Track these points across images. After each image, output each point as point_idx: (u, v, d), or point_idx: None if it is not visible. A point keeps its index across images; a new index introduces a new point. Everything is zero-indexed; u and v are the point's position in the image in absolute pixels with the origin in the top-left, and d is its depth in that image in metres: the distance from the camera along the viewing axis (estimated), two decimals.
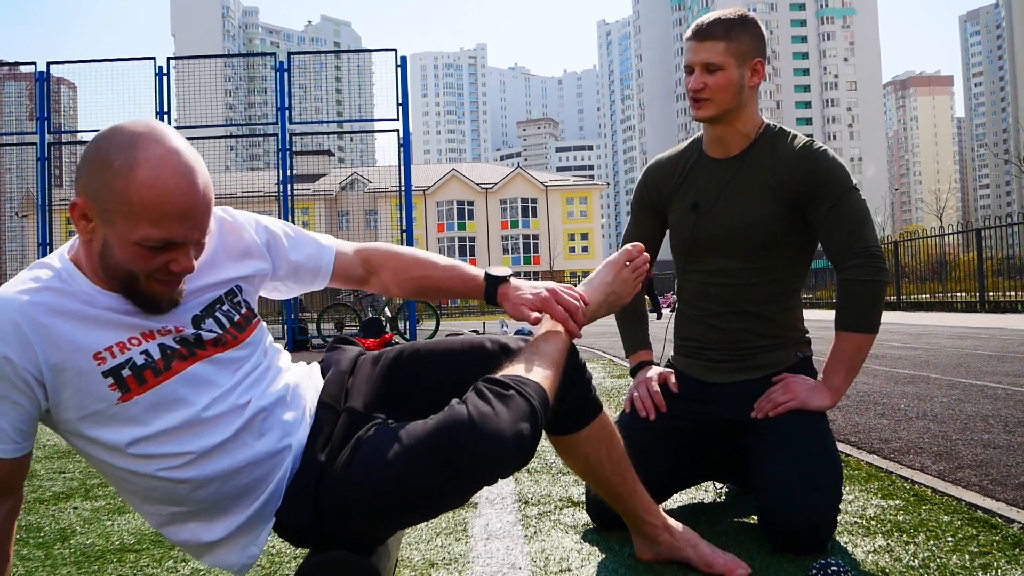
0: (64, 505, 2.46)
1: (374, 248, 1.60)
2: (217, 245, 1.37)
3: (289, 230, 1.51)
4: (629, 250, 1.68)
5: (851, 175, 1.95)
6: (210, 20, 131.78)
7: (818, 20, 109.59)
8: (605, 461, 1.57)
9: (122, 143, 1.15)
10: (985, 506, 2.00)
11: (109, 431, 1.21)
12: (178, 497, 1.26)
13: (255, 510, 1.29)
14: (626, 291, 1.65)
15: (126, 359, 1.20)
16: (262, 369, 1.36)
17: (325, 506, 1.24)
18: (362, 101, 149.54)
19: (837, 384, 1.91)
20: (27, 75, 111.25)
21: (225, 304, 1.35)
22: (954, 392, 4.18)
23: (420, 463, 1.19)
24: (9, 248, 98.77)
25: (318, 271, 1.54)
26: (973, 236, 16.39)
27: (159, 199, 1.14)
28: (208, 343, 1.29)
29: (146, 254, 1.17)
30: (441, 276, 1.56)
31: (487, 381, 1.29)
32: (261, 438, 1.29)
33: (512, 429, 1.20)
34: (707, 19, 1.97)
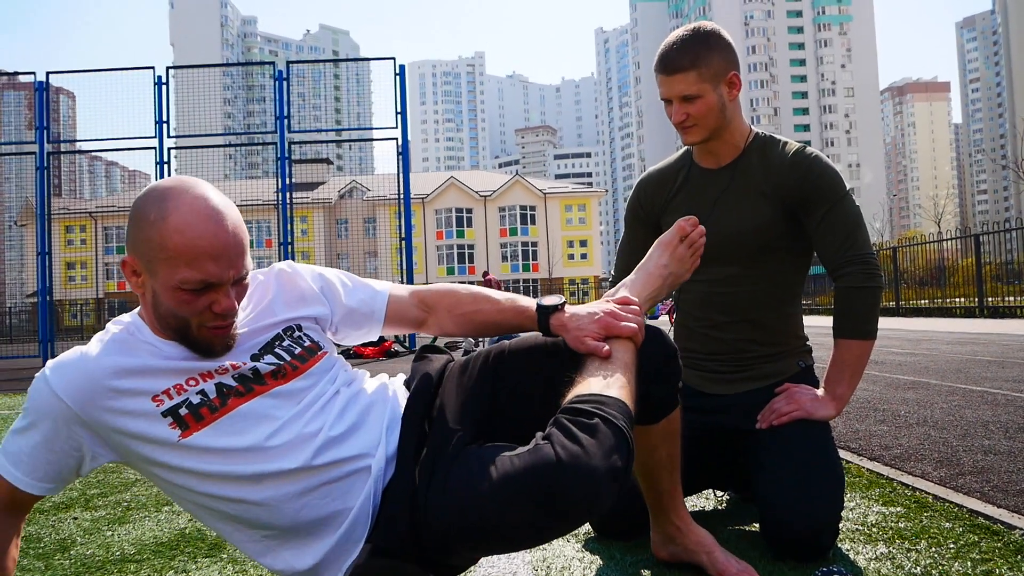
0: (64, 515, 2.45)
1: (429, 289, 1.58)
2: (275, 294, 1.44)
3: (346, 278, 1.54)
4: (682, 225, 1.62)
5: (845, 180, 1.96)
6: (209, 29, 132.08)
7: (815, 27, 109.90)
8: (664, 457, 1.57)
9: (156, 197, 1.25)
10: (987, 513, 2.00)
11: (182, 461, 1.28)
12: (263, 519, 1.29)
13: (343, 533, 1.28)
14: (683, 269, 1.62)
15: (183, 399, 1.27)
16: (329, 396, 1.36)
17: (423, 533, 1.22)
18: (361, 109, 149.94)
19: (841, 393, 1.91)
20: (26, 84, 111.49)
21: (286, 340, 1.39)
22: (954, 398, 4.19)
23: (516, 508, 1.15)
24: (8, 257, 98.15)
25: (371, 315, 1.53)
26: (971, 242, 16.41)
27: (191, 242, 1.22)
28: (267, 376, 1.32)
29: (188, 298, 1.24)
30: (492, 310, 1.53)
31: (568, 412, 1.23)
32: (334, 462, 1.29)
33: (605, 465, 1.14)
34: (670, 48, 1.92)
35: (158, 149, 12.67)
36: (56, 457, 1.26)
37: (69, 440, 1.26)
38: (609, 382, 1.29)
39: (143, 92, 12.52)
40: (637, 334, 1.39)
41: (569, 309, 1.44)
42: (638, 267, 1.62)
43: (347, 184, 47.98)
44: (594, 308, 1.43)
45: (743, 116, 2.04)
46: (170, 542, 2.10)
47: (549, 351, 1.41)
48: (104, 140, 13.95)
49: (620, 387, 1.28)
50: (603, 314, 1.40)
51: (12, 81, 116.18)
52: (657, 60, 1.96)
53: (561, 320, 1.43)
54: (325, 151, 65.71)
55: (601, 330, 1.38)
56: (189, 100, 16.38)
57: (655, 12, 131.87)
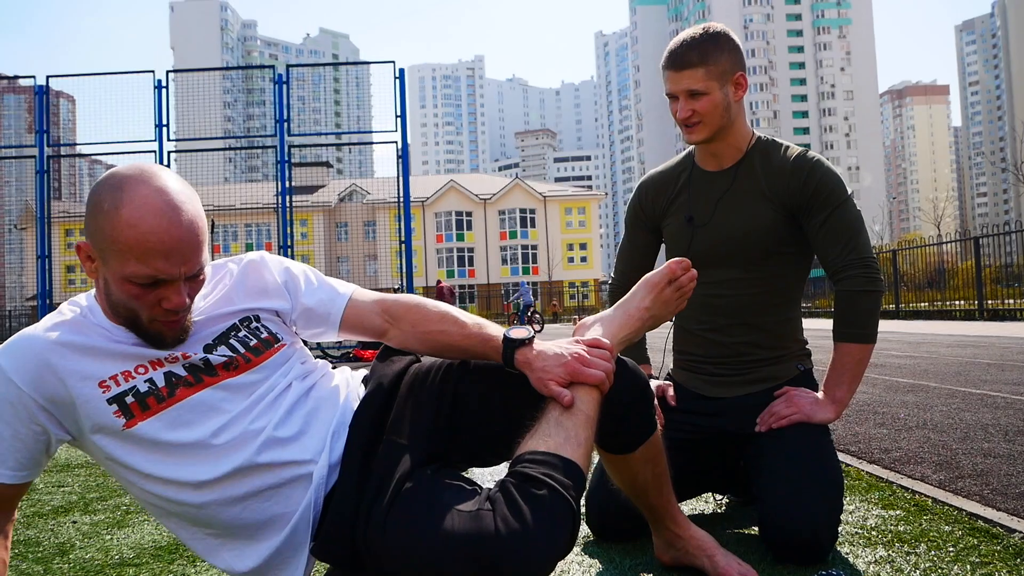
0: (63, 519, 2.45)
1: (396, 299, 1.52)
2: (236, 283, 1.41)
3: (312, 275, 1.50)
4: (672, 268, 1.54)
5: (846, 184, 1.96)
6: (209, 33, 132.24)
7: (814, 30, 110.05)
8: (650, 477, 1.54)
9: (112, 186, 1.21)
10: (986, 516, 2.00)
11: (127, 455, 1.26)
12: (203, 519, 1.28)
13: (284, 539, 1.28)
14: (666, 312, 1.54)
15: (129, 387, 1.25)
16: (279, 391, 1.34)
17: (362, 552, 1.20)
18: (360, 113, 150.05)
19: (840, 396, 1.91)
20: (26, 88, 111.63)
21: (242, 331, 1.37)
22: (954, 401, 4.18)
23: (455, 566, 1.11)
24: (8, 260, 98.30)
25: (327, 317, 1.47)
26: (971, 244, 16.41)
27: (142, 237, 1.18)
28: (219, 367, 1.31)
29: (137, 291, 1.22)
30: (458, 334, 1.43)
31: (517, 476, 1.19)
32: (276, 464, 1.27)
33: (546, 543, 1.12)
34: (680, 45, 1.93)
35: (158, 152, 12.68)
36: (23, 443, 1.23)
37: (31, 423, 1.23)
38: (567, 437, 1.24)
39: (143, 95, 12.52)
40: (604, 383, 1.32)
41: (537, 345, 1.36)
42: (619, 304, 1.56)
43: (347, 187, 48.01)
44: (562, 349, 1.35)
45: (746, 119, 2.05)
46: (169, 546, 2.10)
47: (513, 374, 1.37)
48: (104, 144, 13.94)
49: (577, 446, 1.24)
50: (571, 357, 1.32)
51: (12, 84, 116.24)
52: (666, 56, 1.96)
53: (527, 356, 1.35)
54: (325, 154, 65.81)
55: (566, 375, 1.31)
56: (189, 103, 16.41)
57: (655, 16, 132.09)
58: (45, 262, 12.58)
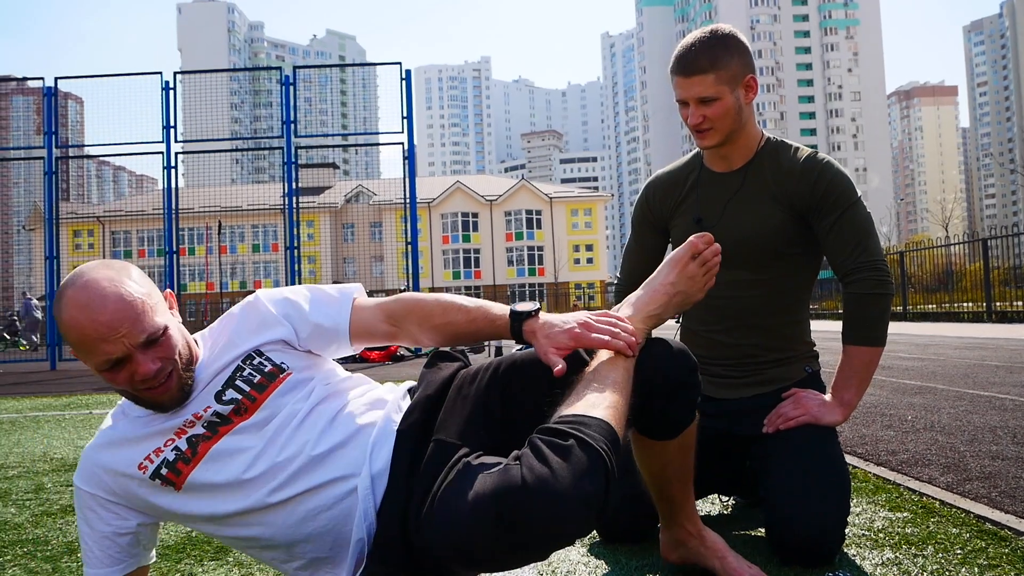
0: (71, 518, 2.46)
1: (395, 299, 1.52)
2: (238, 325, 1.46)
3: (311, 294, 1.50)
4: (695, 242, 1.52)
5: (856, 186, 1.95)
6: (216, 35, 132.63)
7: (821, 31, 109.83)
8: (678, 468, 1.55)
9: (58, 296, 1.32)
10: (994, 518, 1.99)
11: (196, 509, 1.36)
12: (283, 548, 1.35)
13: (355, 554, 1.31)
14: (694, 289, 1.52)
15: (161, 460, 1.36)
16: (300, 417, 1.36)
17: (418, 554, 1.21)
18: (367, 114, 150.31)
19: (848, 399, 1.91)
20: (35, 90, 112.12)
21: (246, 369, 1.40)
22: (962, 403, 4.17)
23: (482, 531, 1.09)
24: (17, 261, 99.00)
25: (336, 330, 1.48)
26: (979, 246, 16.35)
27: (77, 335, 1.28)
28: (230, 414, 1.37)
29: (110, 376, 1.31)
30: (463, 320, 1.45)
31: (543, 432, 1.17)
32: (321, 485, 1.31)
33: (574, 490, 1.07)
34: (688, 50, 1.90)
35: (165, 154, 12.74)
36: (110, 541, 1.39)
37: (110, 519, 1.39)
38: (595, 402, 1.23)
39: (151, 97, 12.62)
40: (613, 345, 1.32)
41: (543, 316, 1.39)
42: (646, 282, 1.54)
43: (353, 189, 48.11)
44: (568, 317, 1.38)
45: (756, 121, 2.04)
46: (176, 545, 2.11)
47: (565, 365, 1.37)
48: (112, 145, 14.02)
49: (607, 407, 1.22)
50: (576, 324, 1.35)
51: (21, 86, 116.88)
52: (674, 62, 1.93)
53: (533, 327, 1.37)
54: (331, 156, 66.05)
55: (570, 340, 1.33)
56: (196, 105, 16.47)
57: (661, 16, 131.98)
58: (53, 263, 12.64)
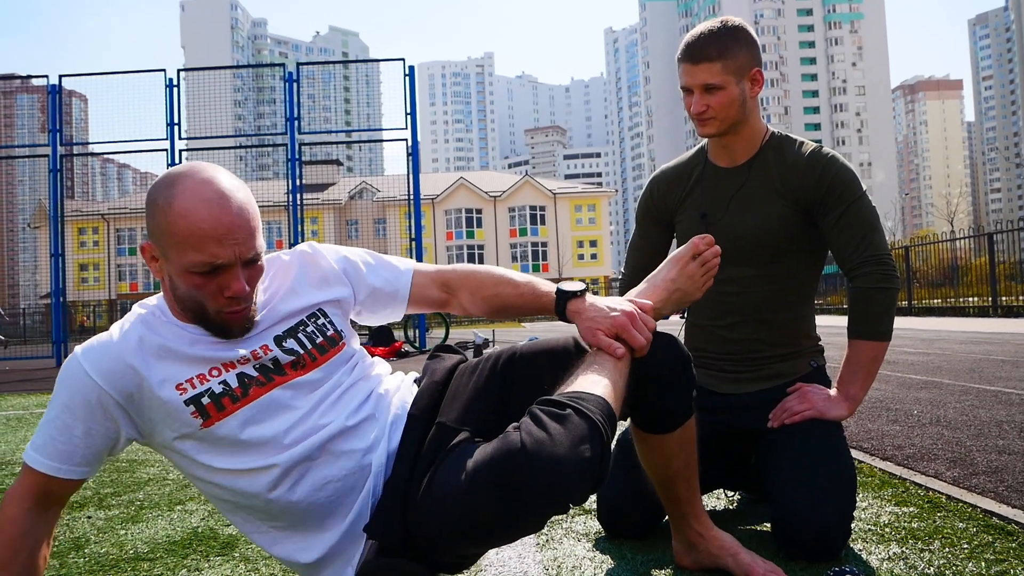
0: (78, 514, 2.47)
1: (452, 269, 1.58)
2: (298, 274, 1.45)
3: (369, 257, 1.54)
4: (696, 243, 1.55)
5: (861, 180, 1.95)
6: (219, 32, 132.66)
7: (825, 25, 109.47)
8: (681, 465, 1.54)
9: (164, 184, 1.27)
10: (1001, 513, 1.99)
11: (200, 452, 1.31)
12: (272, 512, 1.33)
13: (346, 528, 1.31)
14: (693, 288, 1.55)
15: (205, 389, 1.29)
16: (345, 387, 1.38)
17: (415, 532, 1.22)
18: (370, 110, 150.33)
19: (854, 394, 1.90)
20: (39, 88, 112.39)
21: (309, 326, 1.40)
22: (967, 398, 4.16)
23: (482, 497, 1.13)
24: (22, 259, 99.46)
25: (395, 295, 1.53)
26: (985, 240, 16.30)
27: (194, 225, 1.23)
28: (287, 366, 1.35)
29: (199, 281, 1.26)
30: (512, 293, 1.50)
31: (542, 403, 1.20)
32: (343, 456, 1.32)
33: (571, 453, 1.10)
34: (697, 38, 1.91)
35: (169, 151, 12.75)
36: (92, 441, 1.28)
37: (106, 422, 1.28)
38: (594, 381, 1.26)
39: (154, 94, 12.63)
40: (644, 349, 1.36)
41: (589, 298, 1.41)
42: (648, 278, 1.57)
43: (357, 185, 48.07)
44: (615, 304, 1.39)
45: (761, 115, 2.03)
46: (183, 540, 2.11)
47: (560, 357, 1.39)
48: (116, 142, 14.04)
49: (605, 387, 1.25)
50: (622, 313, 1.36)
51: (25, 84, 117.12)
52: (682, 49, 1.94)
53: (578, 307, 1.40)
54: (335, 152, 66.08)
55: (613, 327, 1.35)
56: (200, 102, 16.47)
57: (664, 11, 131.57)
58: (58, 260, 12.68)
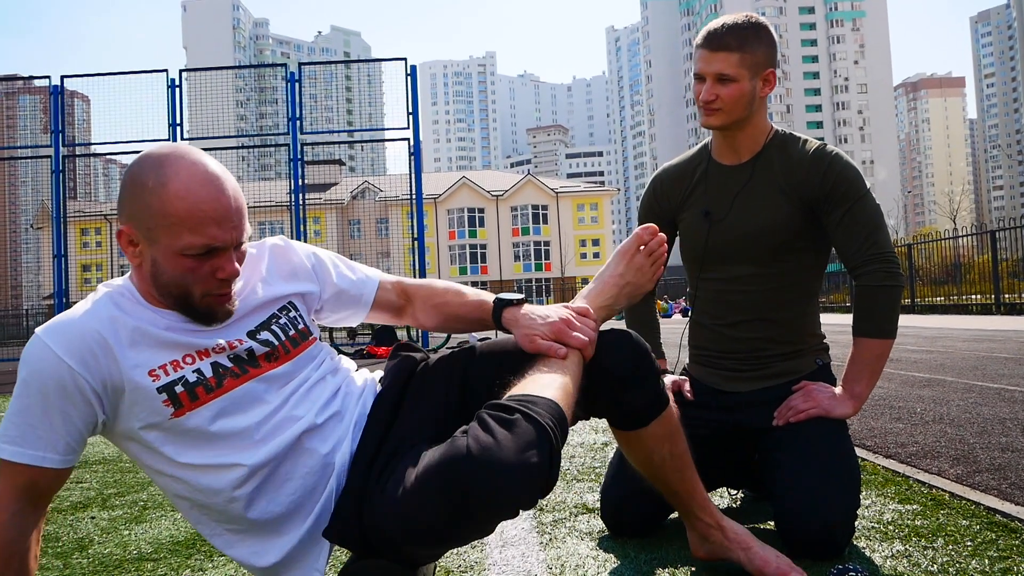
0: (82, 515, 2.48)
1: (412, 280, 1.62)
2: (269, 265, 1.44)
3: (337, 260, 1.56)
4: (639, 234, 1.58)
5: (864, 178, 1.94)
6: (221, 32, 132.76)
7: (827, 23, 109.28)
8: (667, 458, 1.53)
9: (152, 164, 1.24)
10: (1004, 510, 1.99)
11: (164, 444, 1.27)
12: (230, 514, 1.30)
13: (307, 530, 1.30)
14: (643, 279, 1.57)
15: (178, 376, 1.26)
16: (311, 383, 1.38)
17: (371, 536, 1.22)
18: (372, 110, 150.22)
19: (859, 392, 1.90)
20: (41, 89, 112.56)
21: (282, 318, 1.40)
22: (971, 395, 4.15)
23: (429, 501, 1.12)
24: (25, 260, 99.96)
25: (360, 298, 1.55)
26: (987, 238, 16.28)
27: (193, 207, 1.21)
28: (260, 358, 1.33)
29: (192, 264, 1.23)
30: (457, 303, 1.55)
31: (490, 407, 1.20)
32: (308, 453, 1.31)
33: (517, 459, 1.09)
34: (720, 27, 1.91)
35: None
36: (74, 426, 1.21)
37: (84, 404, 1.21)
38: (545, 383, 1.26)
39: (156, 95, 12.59)
40: (587, 347, 1.38)
41: (527, 308, 1.45)
42: (596, 275, 1.60)
43: (359, 185, 48.05)
44: (551, 312, 1.42)
45: (767, 115, 2.02)
46: (187, 540, 2.12)
47: (517, 357, 1.40)
48: (118, 143, 14.03)
49: (556, 389, 1.25)
50: (558, 320, 1.39)
51: (27, 85, 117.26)
52: (703, 35, 1.94)
53: (515, 315, 1.44)
54: (337, 152, 66.22)
55: (551, 334, 1.38)
56: (202, 102, 16.47)
57: (666, 10, 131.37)
58: (61, 261, 12.69)
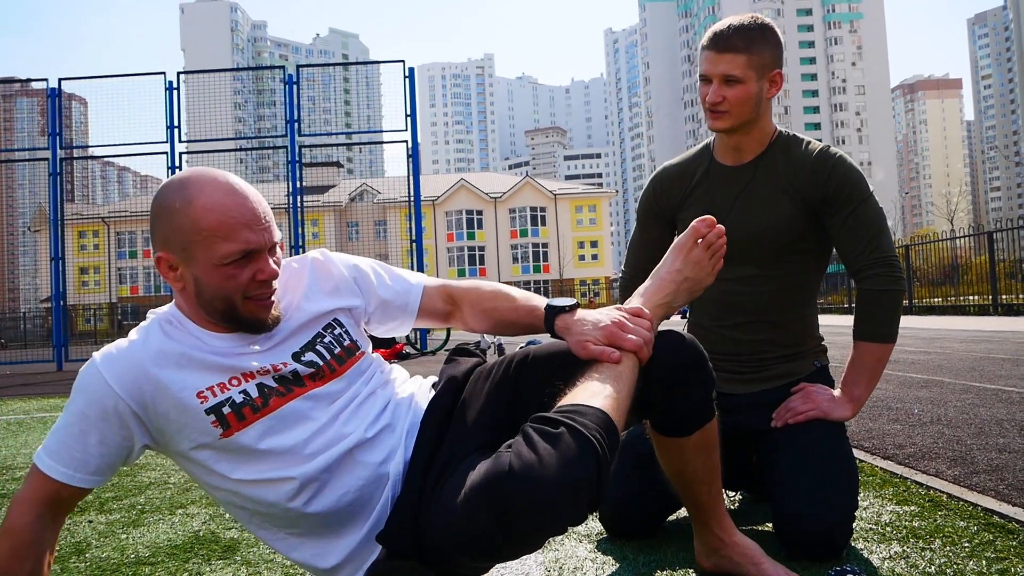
0: (79, 519, 2.47)
1: (456, 283, 1.59)
2: (311, 281, 1.45)
3: (379, 268, 1.54)
4: (697, 227, 1.49)
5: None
6: (219, 34, 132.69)
7: (825, 25, 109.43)
8: (701, 470, 1.51)
9: (175, 187, 1.28)
10: (1001, 511, 1.99)
11: (217, 462, 1.31)
12: (291, 519, 1.32)
13: (364, 535, 1.31)
14: (702, 274, 1.50)
15: (225, 398, 1.29)
16: (363, 397, 1.38)
17: (424, 544, 1.21)
18: (370, 112, 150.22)
19: (858, 395, 1.90)
20: (39, 91, 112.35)
21: (327, 337, 1.40)
22: (968, 396, 4.16)
23: (475, 517, 1.10)
24: (22, 263, 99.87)
25: (405, 307, 1.54)
26: (985, 239, 16.30)
27: (223, 216, 1.25)
28: (306, 378, 1.34)
29: (232, 271, 1.27)
30: (508, 308, 1.52)
31: (536, 420, 1.17)
32: (361, 467, 1.32)
33: (559, 477, 1.06)
34: (726, 28, 1.90)
35: (169, 154, 12.76)
36: (108, 449, 1.26)
37: (122, 430, 1.26)
38: (596, 391, 1.23)
39: (154, 97, 12.63)
40: (642, 349, 1.33)
41: (579, 313, 1.41)
42: (652, 272, 1.53)
43: (358, 187, 48.07)
44: (603, 316, 1.37)
45: (771, 116, 2.02)
46: (184, 544, 2.11)
47: (571, 359, 1.36)
48: (116, 146, 14.07)
49: (606, 397, 1.21)
50: (611, 323, 1.35)
51: (25, 88, 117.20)
52: (709, 37, 1.93)
53: (567, 322, 1.39)
54: (335, 154, 66.25)
55: (604, 339, 1.33)
56: (200, 105, 16.48)
57: (664, 12, 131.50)
58: (59, 264, 12.68)
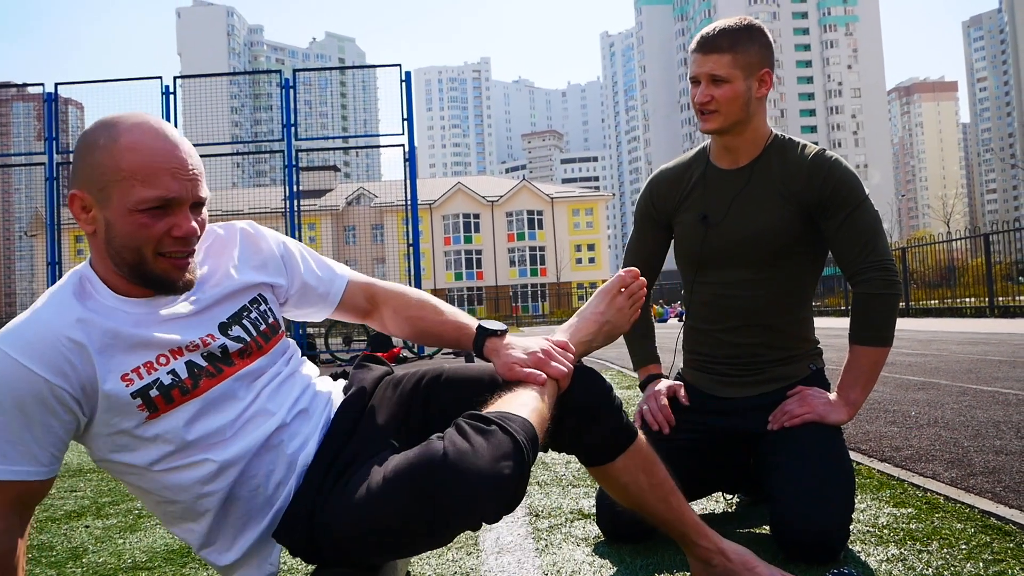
0: (76, 524, 2.47)
1: (383, 284, 1.59)
2: (240, 252, 1.41)
3: (307, 253, 1.53)
4: (623, 276, 1.61)
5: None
6: (216, 39, 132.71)
7: (821, 28, 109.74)
8: (646, 488, 1.50)
9: (102, 126, 1.21)
10: (998, 513, 1.99)
11: (138, 446, 1.24)
12: (198, 512, 1.29)
13: (265, 528, 1.31)
14: (622, 320, 1.59)
15: (153, 379, 1.22)
16: (282, 378, 1.37)
17: (320, 538, 1.22)
18: (367, 116, 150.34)
19: (854, 398, 1.91)
20: (35, 96, 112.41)
21: (252, 312, 1.38)
22: (965, 399, 4.16)
23: (394, 502, 1.12)
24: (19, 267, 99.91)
25: (326, 296, 1.53)
26: (981, 241, 16.32)
27: (146, 158, 1.17)
28: (234, 355, 1.31)
29: (146, 220, 1.19)
30: (434, 320, 1.54)
31: (468, 416, 1.21)
32: (276, 450, 1.31)
33: (491, 467, 1.10)
34: (712, 30, 1.92)
35: None
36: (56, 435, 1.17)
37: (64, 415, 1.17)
38: (522, 403, 1.28)
39: (151, 102, 12.61)
40: (565, 378, 1.39)
41: (508, 338, 1.45)
42: (578, 311, 1.62)
43: (354, 191, 48.00)
44: (531, 344, 1.43)
45: (766, 118, 2.03)
46: (181, 549, 2.11)
47: (485, 384, 1.40)
48: None
49: (531, 411, 1.27)
50: (539, 351, 1.40)
51: (21, 93, 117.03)
52: (696, 39, 1.95)
53: (496, 346, 1.44)
54: (332, 158, 66.25)
55: (532, 364, 1.38)
56: (196, 109, 16.48)
57: (660, 15, 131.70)
58: (55, 269, 12.65)
